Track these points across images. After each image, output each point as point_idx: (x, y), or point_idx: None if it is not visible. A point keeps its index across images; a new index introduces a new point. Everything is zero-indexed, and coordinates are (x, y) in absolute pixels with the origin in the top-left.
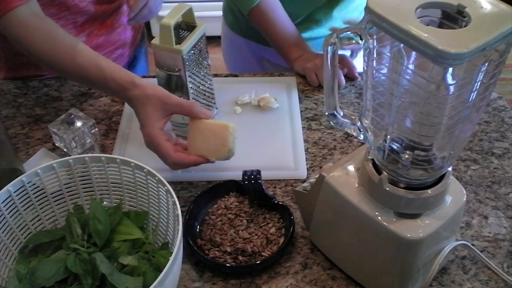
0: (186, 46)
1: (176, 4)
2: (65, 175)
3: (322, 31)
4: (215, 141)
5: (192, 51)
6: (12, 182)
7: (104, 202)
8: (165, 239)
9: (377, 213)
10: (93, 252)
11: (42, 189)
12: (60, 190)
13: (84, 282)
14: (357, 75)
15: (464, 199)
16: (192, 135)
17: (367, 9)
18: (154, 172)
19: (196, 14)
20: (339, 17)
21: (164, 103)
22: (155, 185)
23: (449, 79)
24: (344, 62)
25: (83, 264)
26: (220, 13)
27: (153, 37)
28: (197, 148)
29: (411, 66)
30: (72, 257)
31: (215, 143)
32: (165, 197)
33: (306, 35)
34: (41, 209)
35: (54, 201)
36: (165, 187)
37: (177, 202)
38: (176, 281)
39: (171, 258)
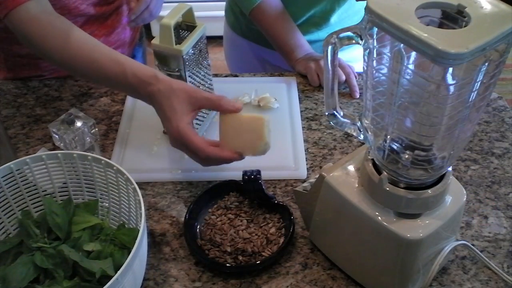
0: (186, 46)
1: (176, 4)
2: (9, 182)
3: (321, 34)
4: (250, 135)
5: (192, 51)
6: None
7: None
8: (119, 221)
9: (377, 213)
10: (57, 246)
11: None
12: (7, 198)
13: (57, 275)
14: (357, 95)
15: (464, 199)
16: (224, 131)
17: (367, 9)
18: (113, 163)
19: (197, 14)
20: (339, 21)
21: (191, 97)
22: (114, 175)
23: (449, 79)
24: (347, 80)
25: (50, 259)
26: (221, 13)
27: (153, 37)
28: (230, 144)
29: (411, 66)
30: (39, 255)
31: (250, 137)
32: (124, 185)
33: (305, 38)
34: None
35: (2, 211)
36: (124, 176)
37: (137, 188)
38: (145, 256)
39: (141, 229)
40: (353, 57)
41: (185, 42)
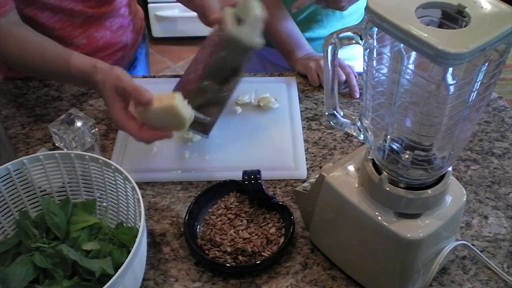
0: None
1: None
2: (7, 182)
3: (323, 31)
4: (171, 121)
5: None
6: None
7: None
8: (118, 220)
9: (377, 213)
10: (56, 246)
11: None
12: (4, 199)
13: (56, 275)
14: (357, 95)
15: (464, 199)
16: (147, 122)
17: (367, 9)
18: (111, 162)
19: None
20: (340, 18)
21: (116, 86)
22: (112, 174)
23: (449, 79)
24: (347, 80)
25: (50, 259)
26: None
27: (153, 38)
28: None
29: (411, 66)
30: (38, 255)
31: (173, 123)
32: (123, 184)
33: (306, 35)
34: None
35: (0, 212)
36: (123, 175)
37: (136, 187)
38: (144, 255)
39: (140, 227)
40: (353, 54)
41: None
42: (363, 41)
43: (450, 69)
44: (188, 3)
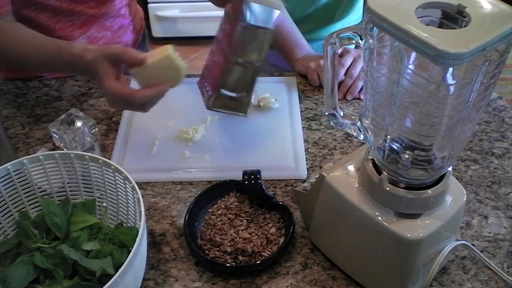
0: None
1: None
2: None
3: (322, 33)
4: (168, 72)
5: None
6: None
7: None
8: (117, 220)
9: (377, 213)
10: (56, 246)
11: None
12: (4, 200)
13: (57, 275)
14: (350, 97)
15: (464, 199)
16: (144, 82)
17: (367, 9)
18: (111, 162)
19: (197, 13)
20: (340, 19)
21: (105, 55)
22: (112, 174)
23: (449, 79)
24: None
25: (50, 259)
26: (221, 13)
27: (153, 37)
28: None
29: (411, 66)
30: (38, 256)
31: (169, 74)
32: (123, 184)
33: (306, 36)
34: None
35: (0, 212)
36: (123, 174)
37: (136, 186)
38: (145, 254)
39: (141, 227)
40: None
41: None
42: (363, 41)
43: (450, 69)
44: None
